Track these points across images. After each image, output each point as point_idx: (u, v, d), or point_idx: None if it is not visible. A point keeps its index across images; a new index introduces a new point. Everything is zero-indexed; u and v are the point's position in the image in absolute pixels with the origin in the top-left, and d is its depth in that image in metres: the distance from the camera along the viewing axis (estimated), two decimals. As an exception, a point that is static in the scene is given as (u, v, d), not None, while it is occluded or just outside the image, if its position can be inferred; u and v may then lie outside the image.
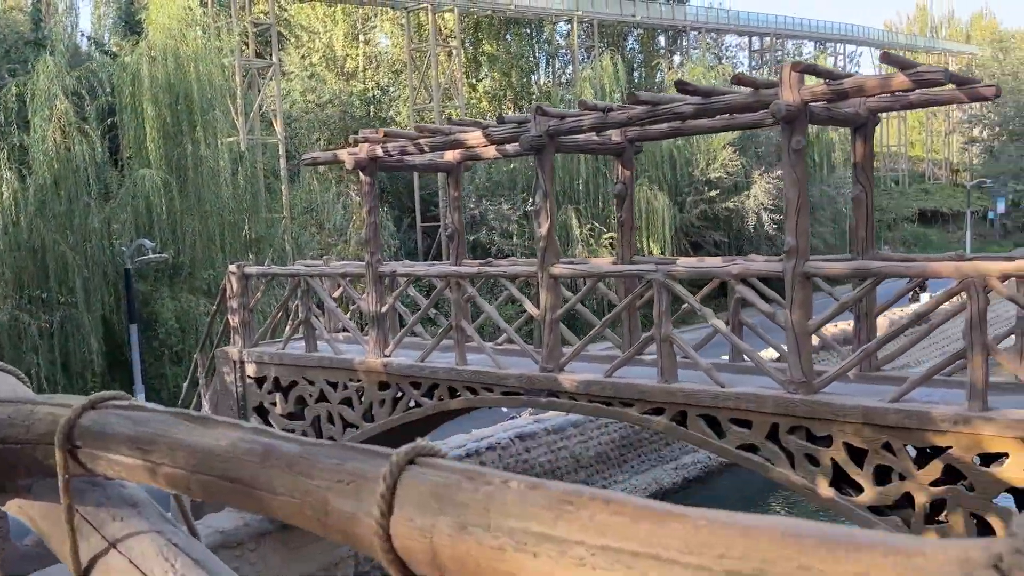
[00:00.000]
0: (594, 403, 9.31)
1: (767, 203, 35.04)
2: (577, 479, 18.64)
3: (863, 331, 9.15)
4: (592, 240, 30.90)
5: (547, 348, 9.71)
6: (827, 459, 7.79)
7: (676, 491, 21.02)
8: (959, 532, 7.17)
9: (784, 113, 7.61)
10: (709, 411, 8.46)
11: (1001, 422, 6.83)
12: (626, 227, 10.85)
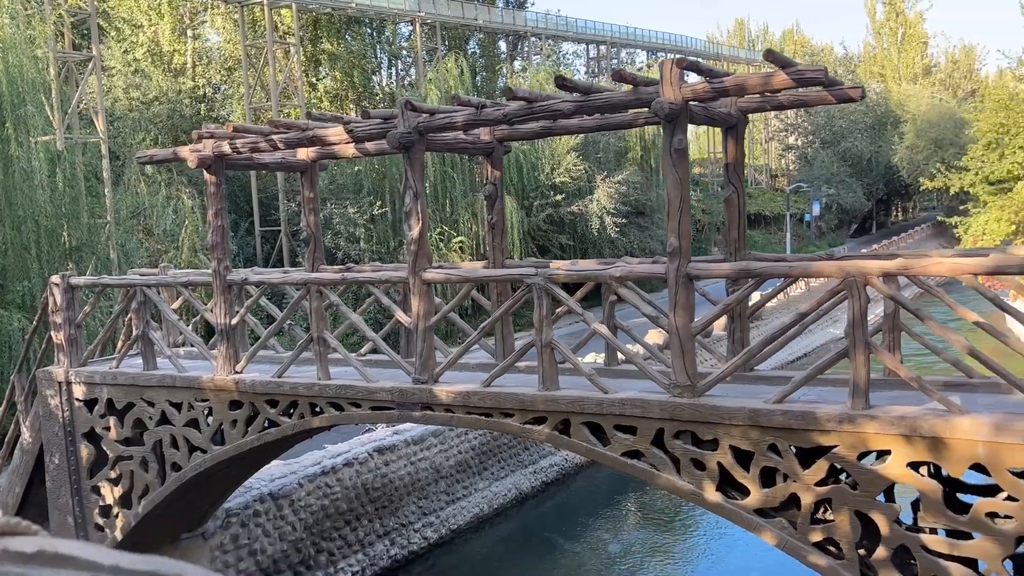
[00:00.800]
0: (472, 415, 8.84)
1: (609, 207, 35.75)
2: (437, 490, 18.10)
3: (737, 331, 9.16)
4: (442, 244, 30.42)
5: (420, 358, 9.15)
6: (713, 463, 7.68)
7: (535, 495, 20.88)
8: (844, 531, 7.21)
9: (667, 111, 7.43)
10: (593, 418, 8.17)
11: (884, 419, 6.90)
12: (497, 229, 10.44)
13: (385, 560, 16.36)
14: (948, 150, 61.42)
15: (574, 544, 18.24)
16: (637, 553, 17.78)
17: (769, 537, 7.54)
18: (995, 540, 6.63)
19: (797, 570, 15.32)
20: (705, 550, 17.71)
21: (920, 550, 6.95)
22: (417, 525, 17.36)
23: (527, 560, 17.39)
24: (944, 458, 6.77)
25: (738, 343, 9.08)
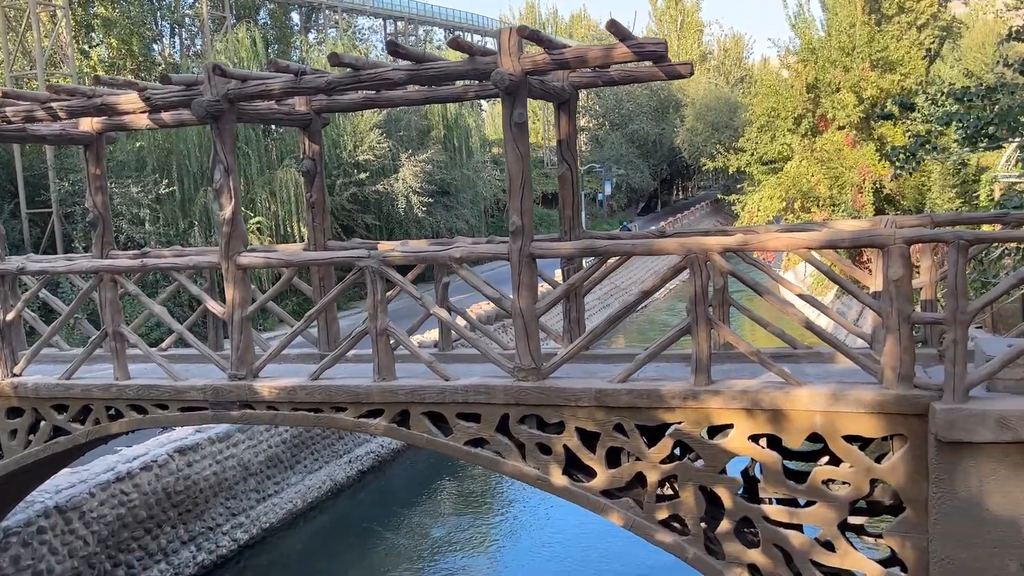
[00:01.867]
0: (300, 412, 8.12)
1: (415, 186, 35.18)
2: (247, 488, 16.98)
3: (573, 310, 9.01)
4: (238, 226, 28.55)
5: (237, 352, 8.29)
6: (559, 446, 7.46)
7: (351, 485, 20.18)
8: (689, 507, 7.23)
9: (507, 83, 7.05)
10: (434, 408, 7.72)
11: (727, 394, 6.94)
12: (318, 208, 9.67)
13: (192, 567, 15.13)
14: (724, 132, 65.86)
15: (394, 532, 17.76)
16: (460, 535, 17.58)
17: (616, 518, 7.44)
18: (831, 506, 6.85)
19: (607, 536, 15.73)
20: (526, 525, 17.79)
21: (762, 521, 7.08)
22: (226, 527, 16.20)
23: (345, 553, 16.72)
24: (784, 429, 6.90)
25: (574, 322, 8.93)
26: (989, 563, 6.14)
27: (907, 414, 6.47)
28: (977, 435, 6.03)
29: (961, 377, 6.14)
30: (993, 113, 12.55)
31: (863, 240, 6.77)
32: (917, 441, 6.48)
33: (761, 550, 7.10)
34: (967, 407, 6.09)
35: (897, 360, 6.50)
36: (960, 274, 6.11)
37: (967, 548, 6.20)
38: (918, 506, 6.53)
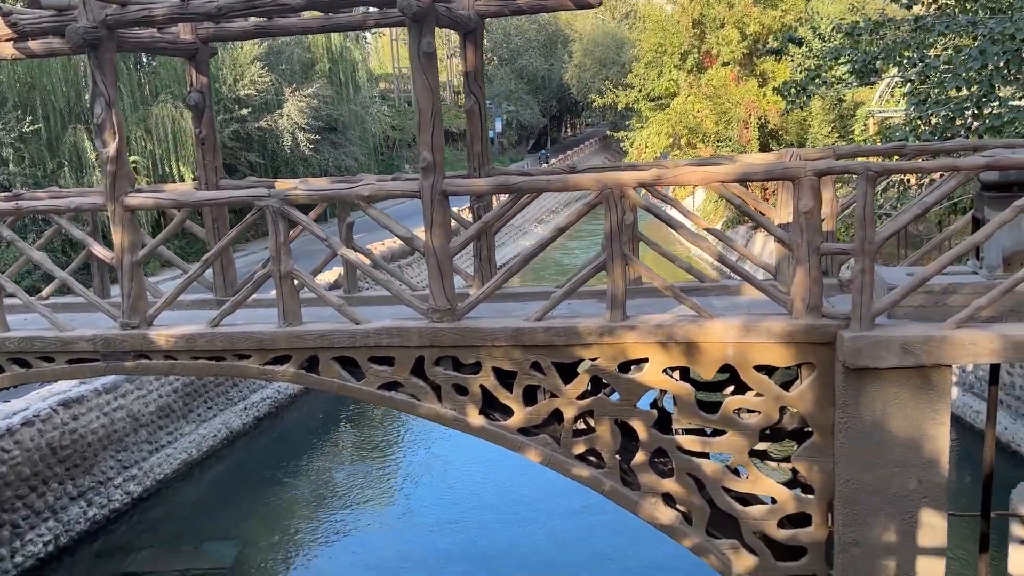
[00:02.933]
0: (200, 360, 7.72)
1: (301, 122, 33.93)
2: (138, 440, 16.32)
3: (483, 249, 8.86)
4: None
5: (128, 299, 7.79)
6: (476, 387, 7.38)
7: (248, 432, 19.70)
8: (605, 441, 7.29)
9: (414, 10, 6.71)
10: (345, 352, 7.48)
11: (642, 329, 6.97)
12: (208, 145, 9.10)
13: (83, 523, 14.50)
14: (612, 68, 66.08)
15: (295, 479, 17.48)
16: (361, 479, 17.46)
17: (533, 455, 7.45)
18: (742, 434, 7.04)
19: (512, 475, 15.96)
20: (429, 468, 17.82)
21: (675, 451, 7.22)
22: (117, 480, 15.56)
23: (244, 501, 16.37)
24: (697, 362, 7.01)
25: (485, 261, 8.78)
26: (890, 482, 6.44)
27: (816, 343, 6.65)
28: (882, 361, 6.25)
29: (868, 306, 6.34)
30: (880, 48, 12.91)
31: (776, 173, 6.84)
32: (824, 369, 6.69)
33: (675, 479, 7.26)
34: (873, 335, 6.30)
35: (806, 291, 6.65)
36: (868, 205, 6.25)
37: (870, 469, 6.48)
38: (825, 431, 6.77)
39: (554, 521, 14.54)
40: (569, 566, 13.07)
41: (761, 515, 7.11)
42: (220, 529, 14.91)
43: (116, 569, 13.52)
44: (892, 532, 6.47)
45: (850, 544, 6.59)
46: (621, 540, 13.50)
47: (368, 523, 15.14)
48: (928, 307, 6.58)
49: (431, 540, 14.23)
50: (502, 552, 13.65)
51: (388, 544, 14.21)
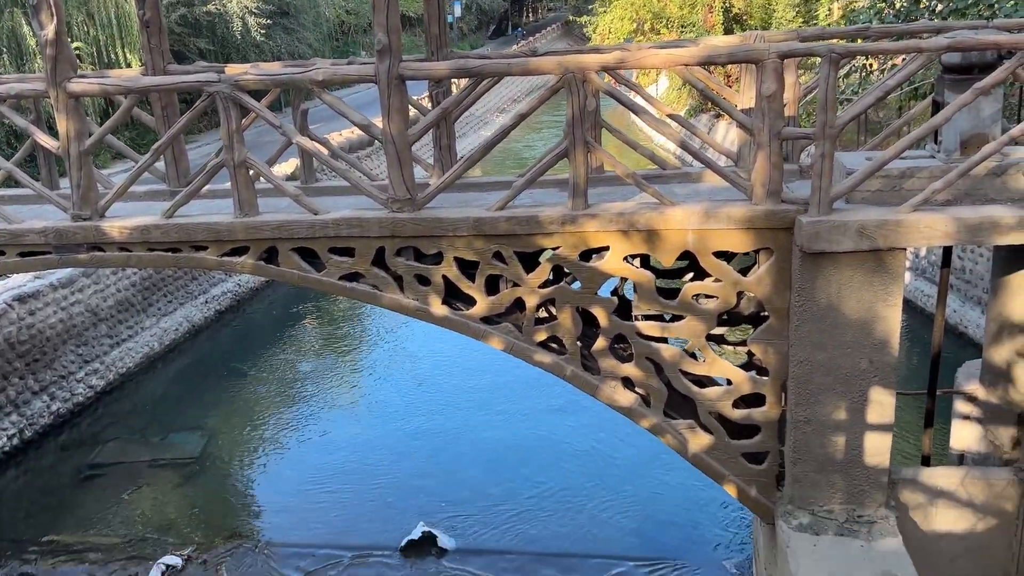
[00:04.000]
0: (156, 252, 7.59)
1: (251, 6, 32.54)
2: (98, 334, 16.22)
3: (443, 137, 8.70)
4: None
5: (79, 190, 7.57)
6: (438, 277, 7.37)
7: (210, 325, 19.66)
8: (567, 328, 7.38)
9: None
10: (304, 243, 7.39)
11: (604, 217, 6.96)
12: (153, 27, 8.67)
13: (47, 417, 14.54)
14: (575, -50, 63.95)
15: (259, 370, 17.59)
16: (326, 370, 17.63)
17: (496, 342, 7.53)
18: (699, 319, 7.16)
19: (476, 358, 16.20)
20: (394, 359, 18.01)
21: (635, 336, 7.34)
22: (79, 375, 15.53)
23: (209, 393, 16.49)
24: (657, 249, 7.05)
25: (445, 150, 8.64)
26: (843, 362, 6.64)
27: (775, 228, 6.71)
28: (838, 245, 6.34)
29: (827, 190, 6.37)
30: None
31: (739, 56, 6.72)
32: (782, 254, 6.77)
33: (634, 363, 7.41)
34: (830, 219, 6.36)
35: (767, 176, 6.65)
36: (831, 88, 6.20)
37: (823, 350, 6.66)
38: (781, 314, 6.91)
39: (515, 407, 14.89)
40: (528, 448, 13.46)
41: (717, 396, 7.32)
42: (186, 421, 15.05)
43: (83, 461, 13.65)
44: (843, 410, 6.71)
45: (802, 422, 6.83)
46: (578, 423, 13.90)
47: (334, 413, 15.38)
48: (886, 192, 6.64)
49: (396, 427, 14.51)
50: (465, 437, 13.98)
51: (353, 432, 14.47)
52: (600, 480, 12.35)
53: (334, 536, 11.17)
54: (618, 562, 10.40)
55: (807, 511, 6.96)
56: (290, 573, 10.36)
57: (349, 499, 12.18)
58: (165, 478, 13.08)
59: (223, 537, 11.23)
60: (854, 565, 6.32)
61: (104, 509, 12.17)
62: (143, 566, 10.49)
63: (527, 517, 11.54)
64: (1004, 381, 7.21)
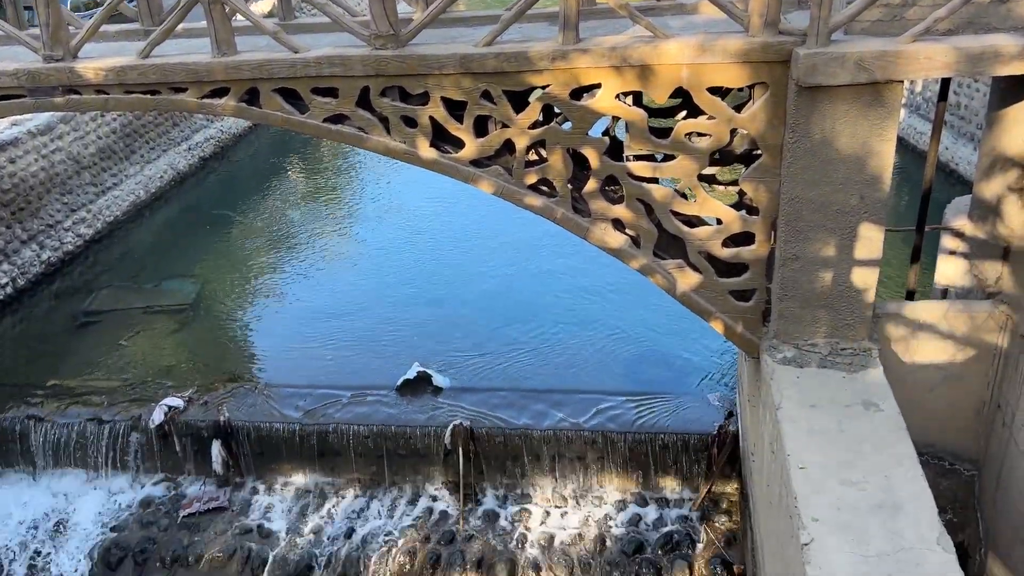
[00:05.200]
0: (134, 94, 7.36)
1: None
2: (82, 182, 16.03)
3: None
4: None
5: (48, 29, 7.25)
6: (425, 118, 7.21)
7: (195, 173, 19.43)
8: (557, 170, 7.29)
9: None
10: (286, 83, 7.17)
11: (596, 52, 6.74)
12: None
13: (38, 266, 14.58)
14: None
15: (248, 218, 17.53)
16: (316, 215, 17.59)
17: (486, 186, 7.46)
18: (692, 158, 7.08)
19: (465, 204, 16.16)
20: (383, 205, 17.93)
21: (626, 177, 7.27)
22: (67, 223, 15.46)
23: (199, 239, 16.50)
24: (651, 85, 6.86)
25: (429, -19, 8.24)
26: (834, 199, 6.62)
27: (771, 61, 6.52)
28: (835, 78, 6.18)
29: (826, 20, 6.15)
30: None
31: None
32: (777, 88, 6.61)
33: (625, 205, 7.38)
34: (828, 51, 6.17)
35: (764, 6, 6.40)
36: (835, -90, 5.87)
37: (815, 187, 6.63)
38: (773, 151, 6.83)
39: (506, 254, 14.98)
40: (519, 293, 13.65)
41: (707, 236, 7.34)
42: (178, 268, 15.13)
43: (77, 308, 13.79)
44: (831, 246, 6.75)
45: (790, 259, 6.89)
46: (568, 268, 14.05)
47: (325, 260, 15.46)
48: (886, 21, 6.41)
49: (388, 275, 14.64)
50: (456, 283, 14.14)
51: (345, 279, 14.61)
52: (588, 323, 12.61)
53: (331, 378, 11.47)
54: (606, 397, 10.76)
55: (791, 345, 7.14)
56: (290, 412, 10.70)
57: (344, 343, 12.44)
58: (160, 324, 13.27)
59: (222, 380, 11.51)
60: (835, 394, 6.54)
61: (103, 354, 12.41)
62: (146, 408, 10.80)
63: (518, 358, 11.84)
64: (992, 216, 7.24)
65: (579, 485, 10.26)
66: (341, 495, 10.45)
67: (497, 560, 9.53)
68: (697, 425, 10.13)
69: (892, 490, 5.58)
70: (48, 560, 10.03)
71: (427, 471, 10.45)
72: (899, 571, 5.01)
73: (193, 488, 10.64)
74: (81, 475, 10.72)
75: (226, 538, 10.00)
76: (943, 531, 5.22)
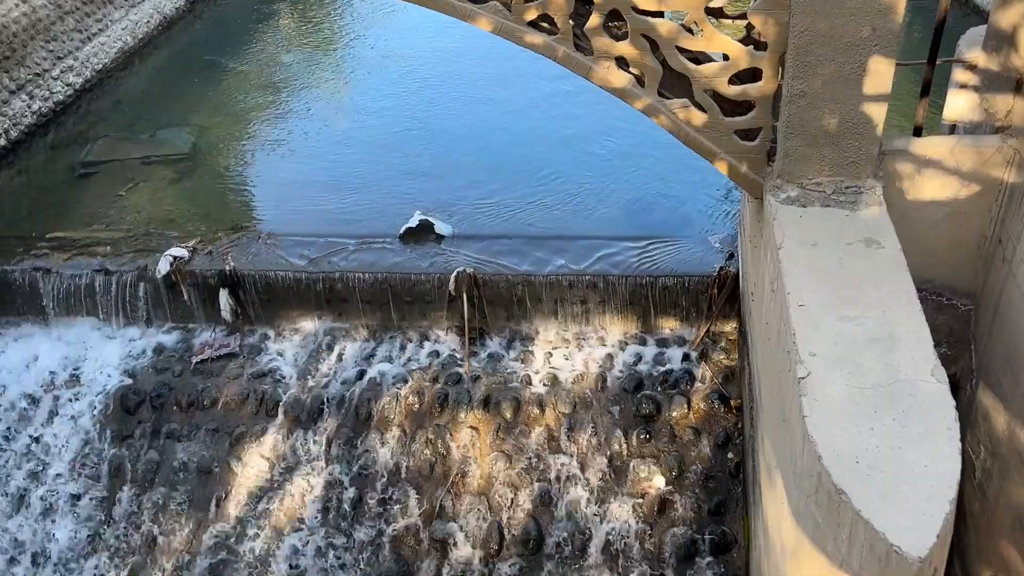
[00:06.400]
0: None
1: None
2: (67, 28, 15.50)
3: None
4: None
5: None
6: (419, -50, 6.87)
7: (183, 17, 18.78)
8: (558, 4, 7.02)
9: None
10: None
11: None
12: None
13: (29, 117, 14.35)
14: None
15: (241, 64, 17.07)
16: (311, 62, 17.13)
17: (484, 23, 7.20)
18: None
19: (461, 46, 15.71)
20: (378, 49, 17.40)
21: (631, 12, 7.00)
22: (54, 72, 15.08)
23: (191, 89, 16.13)
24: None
25: None
26: (845, 30, 6.39)
27: None
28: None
29: None
30: None
31: None
32: (791, -88, 6.26)
33: (629, 41, 7.14)
34: None
35: None
36: None
37: (826, 18, 6.38)
38: (784, -18, 6.54)
39: (507, 101, 14.67)
40: (521, 141, 13.47)
41: (713, 72, 7.14)
42: (172, 118, 14.86)
43: (74, 159, 13.65)
44: (839, 81, 6.58)
45: (797, 96, 6.74)
46: (569, 113, 13.79)
47: (323, 107, 15.17)
48: None
49: (387, 122, 14.38)
50: (457, 132, 13.92)
51: (344, 127, 14.38)
52: (591, 169, 12.49)
53: (333, 226, 11.48)
54: (608, 242, 10.81)
55: (796, 184, 7.09)
56: (295, 260, 10.79)
57: (345, 192, 12.38)
58: (159, 174, 13.17)
59: (225, 229, 11.54)
60: (837, 232, 6.55)
61: (104, 205, 12.39)
62: (151, 258, 10.88)
63: (521, 206, 11.81)
64: (1007, 46, 7.01)
65: (581, 327, 10.47)
66: (349, 340, 10.70)
67: (502, 399, 9.86)
68: (698, 267, 10.23)
69: (890, 325, 5.69)
70: (68, 406, 10.39)
71: (433, 316, 10.65)
72: (893, 402, 5.17)
73: (204, 336, 10.88)
74: (94, 324, 10.94)
75: (239, 382, 10.32)
76: (938, 363, 5.35)
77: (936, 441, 4.90)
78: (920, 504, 4.57)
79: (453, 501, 9.38)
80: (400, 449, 9.74)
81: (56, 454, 10.11)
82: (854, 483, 4.68)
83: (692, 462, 9.35)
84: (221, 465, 9.81)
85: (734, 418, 9.50)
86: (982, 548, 7.43)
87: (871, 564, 4.58)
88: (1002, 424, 7.02)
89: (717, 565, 8.77)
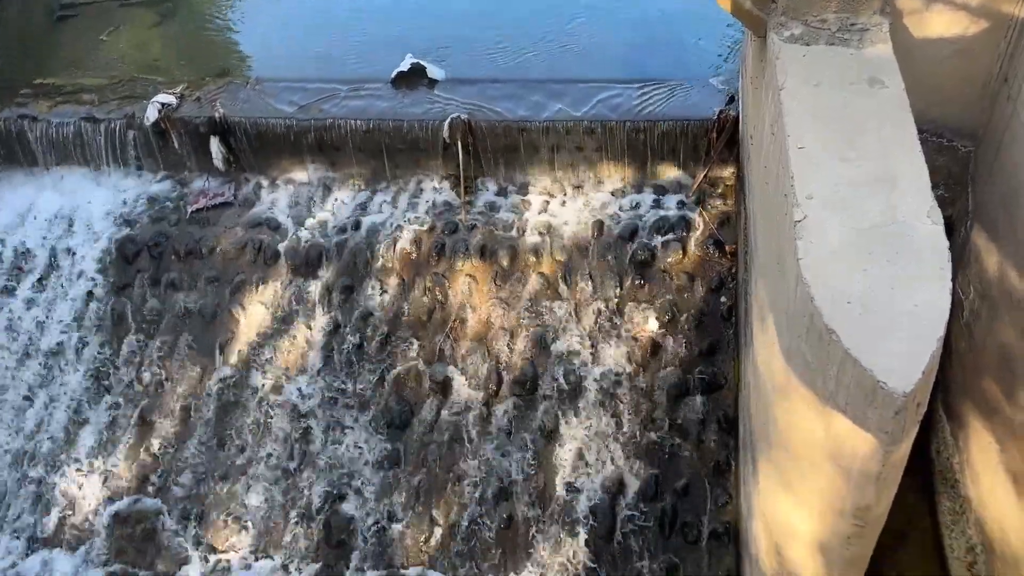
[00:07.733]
0: None
1: None
2: None
3: None
4: None
5: None
6: None
7: None
8: None
9: None
10: None
11: None
12: None
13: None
14: None
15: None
16: None
17: None
18: None
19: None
20: None
21: None
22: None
23: None
24: None
25: None
26: None
27: None
28: None
29: None
30: None
31: None
32: None
33: None
34: None
35: None
36: None
37: None
38: None
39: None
40: None
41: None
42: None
43: (50, 3, 13.10)
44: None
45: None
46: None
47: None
48: None
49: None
50: None
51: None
52: (589, 9, 12.00)
53: (322, 72, 11.14)
54: (607, 85, 10.54)
55: (800, 22, 6.83)
56: (284, 106, 10.55)
57: (334, 37, 11.92)
58: (140, 18, 12.67)
59: (212, 75, 11.22)
60: (841, 72, 6.37)
61: (86, 52, 11.98)
62: (138, 105, 10.64)
63: (516, 50, 11.41)
64: None
65: (577, 175, 10.38)
66: (344, 189, 10.62)
67: (499, 247, 9.90)
68: (697, 111, 10.02)
69: (889, 167, 5.62)
70: (67, 255, 10.44)
71: (427, 164, 10.53)
72: (887, 243, 5.18)
73: (197, 184, 10.78)
74: (86, 173, 10.83)
75: (236, 231, 10.32)
76: (934, 204, 5.33)
77: (928, 282, 4.95)
78: (908, 343, 4.67)
79: (452, 346, 9.59)
80: (400, 296, 9.86)
81: (59, 303, 10.24)
82: (844, 323, 4.76)
83: (686, 306, 9.50)
84: (223, 313, 9.96)
85: (729, 263, 9.58)
86: (967, 384, 7.67)
87: (858, 399, 4.73)
88: (993, 265, 7.08)
89: (707, 403, 9.06)
